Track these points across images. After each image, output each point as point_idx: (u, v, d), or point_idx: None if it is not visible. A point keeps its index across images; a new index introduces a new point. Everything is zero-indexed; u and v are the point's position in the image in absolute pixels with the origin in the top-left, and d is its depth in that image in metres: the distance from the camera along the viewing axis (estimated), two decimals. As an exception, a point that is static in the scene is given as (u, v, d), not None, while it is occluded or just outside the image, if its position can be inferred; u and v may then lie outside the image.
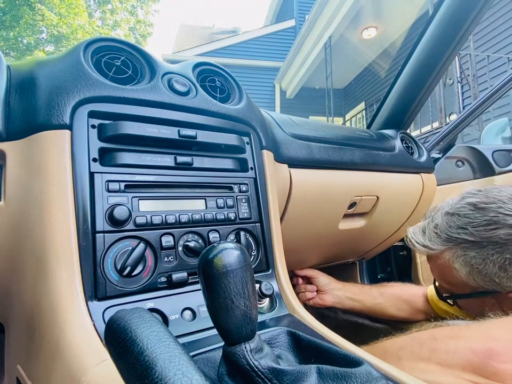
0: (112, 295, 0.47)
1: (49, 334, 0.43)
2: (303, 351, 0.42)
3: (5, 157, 0.50)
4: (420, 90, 1.24)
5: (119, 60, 0.61)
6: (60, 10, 10.91)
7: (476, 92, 5.10)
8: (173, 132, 0.59)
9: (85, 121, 0.53)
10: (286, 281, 0.64)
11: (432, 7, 5.22)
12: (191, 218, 0.58)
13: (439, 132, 1.44)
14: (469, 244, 0.70)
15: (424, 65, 1.20)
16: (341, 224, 1.06)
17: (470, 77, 5.18)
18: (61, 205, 0.47)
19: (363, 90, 9.18)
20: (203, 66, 0.73)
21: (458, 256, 0.72)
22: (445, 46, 1.14)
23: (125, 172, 0.54)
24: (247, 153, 0.69)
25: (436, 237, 0.75)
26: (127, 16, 14.45)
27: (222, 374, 0.35)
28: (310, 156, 0.88)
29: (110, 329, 0.30)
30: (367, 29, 7.41)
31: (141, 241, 0.52)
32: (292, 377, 0.33)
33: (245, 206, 0.65)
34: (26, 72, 0.55)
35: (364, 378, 0.33)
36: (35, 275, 0.47)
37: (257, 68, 10.41)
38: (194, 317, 0.52)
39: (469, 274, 0.71)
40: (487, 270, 0.68)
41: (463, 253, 0.71)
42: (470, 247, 0.70)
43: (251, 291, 0.33)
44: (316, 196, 0.92)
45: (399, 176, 1.12)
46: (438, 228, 0.75)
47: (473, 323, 0.67)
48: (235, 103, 0.73)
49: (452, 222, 0.73)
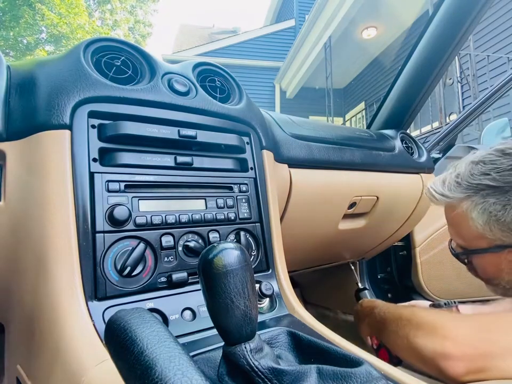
0: (112, 295, 0.47)
1: (49, 334, 0.43)
2: (303, 351, 0.42)
3: (5, 157, 0.50)
4: (420, 90, 1.24)
5: (119, 60, 0.61)
6: (60, 10, 10.90)
7: (475, 91, 5.10)
8: (173, 132, 0.59)
9: (85, 121, 0.53)
10: (286, 281, 0.64)
11: (432, 7, 5.22)
12: (191, 218, 0.58)
13: (439, 132, 1.45)
14: (490, 190, 0.68)
15: (424, 65, 1.20)
16: (341, 224, 1.06)
17: (470, 77, 5.18)
18: (61, 205, 0.47)
19: (363, 90, 9.18)
20: (203, 66, 0.73)
21: (477, 204, 0.69)
22: (445, 46, 1.14)
23: (125, 172, 0.54)
24: (247, 153, 0.69)
25: (456, 185, 0.73)
26: (126, 16, 14.45)
27: (222, 374, 0.35)
28: (310, 156, 0.88)
29: (110, 329, 0.30)
30: (367, 29, 7.41)
31: (141, 241, 0.52)
32: (292, 377, 0.33)
33: (245, 206, 0.65)
34: (26, 72, 0.55)
35: (364, 378, 0.33)
36: (35, 275, 0.47)
37: (257, 68, 10.41)
38: (194, 317, 0.52)
39: (486, 224, 0.69)
40: (506, 217, 0.66)
41: (482, 200, 0.68)
42: (491, 194, 0.68)
43: (251, 291, 0.33)
44: (316, 196, 0.92)
45: (399, 176, 1.12)
46: (460, 176, 0.73)
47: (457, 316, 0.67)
48: (235, 103, 0.73)
49: (475, 170, 0.71)
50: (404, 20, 6.90)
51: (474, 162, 0.72)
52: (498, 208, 0.66)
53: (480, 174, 0.69)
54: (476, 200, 0.69)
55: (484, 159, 0.71)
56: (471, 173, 0.71)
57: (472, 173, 0.71)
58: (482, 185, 0.69)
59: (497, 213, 0.67)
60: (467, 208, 0.71)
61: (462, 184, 0.72)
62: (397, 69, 1.37)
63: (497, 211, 0.66)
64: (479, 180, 0.69)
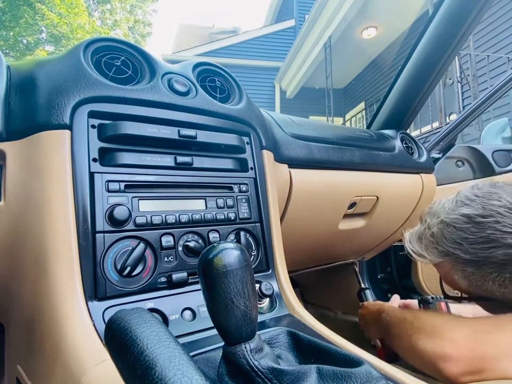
0: (112, 295, 0.47)
1: (49, 334, 0.43)
2: (303, 351, 0.42)
3: (5, 157, 0.50)
4: (420, 90, 1.24)
5: (119, 60, 0.61)
6: (60, 10, 10.90)
7: (475, 91, 5.10)
8: (173, 132, 0.59)
9: (85, 121, 0.53)
10: (286, 281, 0.64)
11: (432, 7, 5.22)
12: (191, 218, 0.58)
13: (439, 132, 1.44)
14: (466, 261, 0.67)
15: (424, 65, 1.20)
16: (341, 224, 1.06)
17: (470, 77, 5.18)
18: (61, 205, 0.47)
19: (363, 90, 9.18)
20: (203, 66, 0.73)
21: (456, 269, 0.69)
22: (445, 46, 1.14)
23: (125, 172, 0.54)
24: (247, 153, 0.69)
25: (432, 247, 0.72)
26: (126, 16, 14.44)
27: (222, 374, 0.35)
28: (310, 156, 0.88)
29: (110, 329, 0.30)
30: (367, 29, 7.40)
31: (141, 241, 0.52)
32: (292, 377, 0.33)
33: (245, 206, 0.65)
34: (26, 72, 0.55)
35: (364, 378, 0.33)
36: (35, 275, 0.47)
37: (257, 68, 10.40)
38: (194, 317, 0.52)
39: (469, 287, 0.69)
40: (486, 286, 0.66)
41: (461, 267, 0.68)
42: (467, 264, 0.67)
43: (251, 291, 0.33)
44: (316, 196, 0.92)
45: (399, 176, 1.12)
46: (435, 237, 0.71)
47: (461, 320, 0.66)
48: (235, 103, 0.73)
49: (447, 234, 0.68)
50: (404, 20, 6.90)
51: (445, 223, 0.69)
52: (478, 278, 0.66)
53: (452, 242, 0.67)
54: (456, 266, 0.69)
55: (454, 224, 0.68)
56: (444, 236, 0.69)
57: (445, 237, 0.69)
58: (457, 255, 0.67)
59: (477, 282, 0.67)
60: (449, 268, 0.71)
61: (438, 248, 0.70)
62: (397, 69, 1.36)
63: (477, 280, 0.67)
64: (453, 248, 0.67)
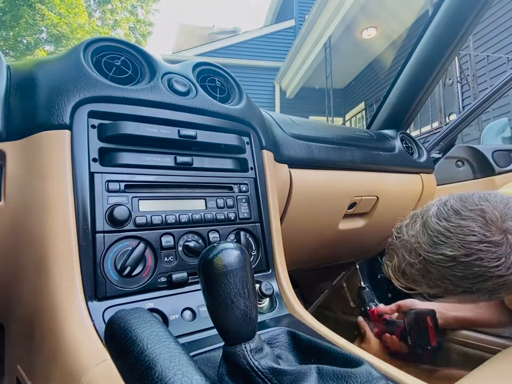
0: (112, 295, 0.47)
1: (49, 334, 0.43)
2: (303, 351, 0.42)
3: (5, 157, 0.50)
4: (420, 90, 1.24)
5: (119, 60, 0.61)
6: (60, 10, 10.89)
7: (475, 92, 5.10)
8: (173, 132, 0.59)
9: (85, 121, 0.53)
10: (286, 281, 0.64)
11: (432, 7, 5.22)
12: (191, 218, 0.58)
13: (439, 132, 1.44)
14: (458, 292, 0.65)
15: (424, 65, 1.20)
16: (341, 224, 1.06)
17: (469, 77, 5.18)
18: (61, 205, 0.47)
19: (363, 90, 9.17)
20: (203, 66, 0.73)
21: (449, 294, 0.68)
22: (445, 46, 1.14)
23: (125, 172, 0.54)
24: (247, 153, 0.69)
25: (420, 278, 0.68)
26: (127, 16, 14.43)
27: (222, 374, 0.35)
28: (310, 156, 0.88)
29: (110, 329, 0.30)
30: (367, 29, 7.40)
31: (141, 241, 0.52)
32: (292, 377, 0.33)
33: (245, 206, 0.65)
34: (26, 72, 0.55)
35: (364, 378, 0.33)
36: (35, 275, 0.47)
37: (257, 68, 10.40)
38: (194, 317, 0.52)
39: (459, 301, 0.70)
40: (482, 300, 0.66)
41: (453, 293, 0.67)
42: (459, 293, 0.65)
43: (251, 291, 0.33)
44: (316, 196, 0.92)
45: (399, 177, 1.12)
46: (420, 272, 0.67)
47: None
48: (235, 103, 0.73)
49: (434, 270, 0.65)
50: (404, 20, 6.90)
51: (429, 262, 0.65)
52: (472, 300, 0.66)
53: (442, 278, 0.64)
54: (447, 292, 0.68)
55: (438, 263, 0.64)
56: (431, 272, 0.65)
57: (432, 272, 0.65)
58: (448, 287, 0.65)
59: (472, 301, 0.68)
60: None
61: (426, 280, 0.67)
62: (397, 69, 1.37)
63: (472, 301, 0.67)
64: (442, 282, 0.65)
